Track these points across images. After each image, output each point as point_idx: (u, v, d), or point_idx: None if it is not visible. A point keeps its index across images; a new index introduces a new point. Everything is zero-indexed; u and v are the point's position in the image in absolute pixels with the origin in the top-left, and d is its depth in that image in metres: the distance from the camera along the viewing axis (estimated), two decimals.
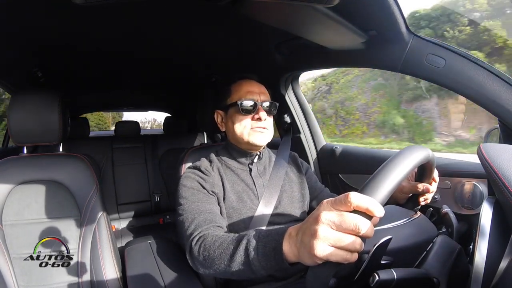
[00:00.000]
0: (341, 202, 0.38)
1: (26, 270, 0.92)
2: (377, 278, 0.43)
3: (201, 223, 0.70)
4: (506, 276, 0.41)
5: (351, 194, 0.38)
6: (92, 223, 1.00)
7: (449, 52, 0.75)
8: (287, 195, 0.87)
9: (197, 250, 0.64)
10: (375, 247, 0.42)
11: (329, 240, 0.38)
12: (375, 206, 0.37)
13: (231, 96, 0.86)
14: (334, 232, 0.38)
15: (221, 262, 0.57)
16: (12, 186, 0.96)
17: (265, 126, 0.83)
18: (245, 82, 0.86)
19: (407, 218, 0.57)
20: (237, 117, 0.83)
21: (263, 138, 0.83)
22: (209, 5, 0.79)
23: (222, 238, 0.60)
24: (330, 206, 0.39)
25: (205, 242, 0.63)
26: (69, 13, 0.80)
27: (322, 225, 0.38)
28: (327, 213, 0.39)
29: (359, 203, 0.37)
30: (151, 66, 1.46)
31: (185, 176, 0.82)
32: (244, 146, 0.85)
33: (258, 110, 0.82)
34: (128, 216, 2.10)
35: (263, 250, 0.50)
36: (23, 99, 0.98)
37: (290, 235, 0.46)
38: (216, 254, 0.58)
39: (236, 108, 0.82)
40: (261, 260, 0.50)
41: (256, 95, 0.84)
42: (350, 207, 0.38)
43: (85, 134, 2.22)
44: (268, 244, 0.50)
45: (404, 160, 0.43)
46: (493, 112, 0.72)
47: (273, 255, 0.48)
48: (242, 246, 0.54)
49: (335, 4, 0.61)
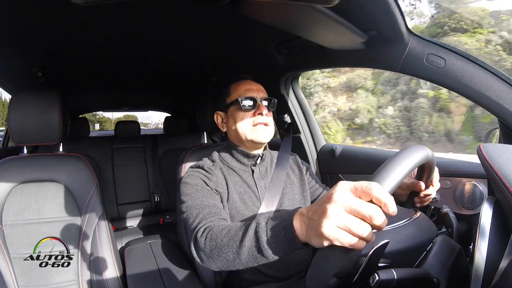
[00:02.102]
0: (362, 189, 0.38)
1: (26, 270, 0.92)
2: (377, 278, 0.43)
3: (206, 216, 0.68)
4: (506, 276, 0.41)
5: (373, 185, 0.37)
6: (92, 223, 1.00)
7: (449, 52, 0.75)
8: (288, 197, 0.87)
9: (203, 241, 0.61)
10: (373, 250, 0.42)
11: (340, 221, 0.37)
12: (392, 203, 0.37)
13: (231, 96, 0.86)
14: (346, 214, 0.37)
15: (229, 250, 0.55)
16: (12, 186, 0.96)
17: (267, 122, 0.83)
18: (243, 81, 0.88)
19: (407, 219, 0.57)
20: (239, 114, 0.83)
21: (266, 134, 0.83)
22: (209, 5, 0.79)
23: (229, 226, 0.59)
24: (348, 189, 0.39)
25: (212, 232, 0.61)
26: (69, 13, 0.80)
27: (335, 204, 0.38)
28: (343, 194, 0.38)
29: (380, 196, 0.37)
30: (150, 66, 1.46)
31: (188, 174, 0.82)
32: (247, 144, 0.85)
33: (259, 106, 0.83)
34: (128, 216, 2.10)
35: (273, 231, 0.48)
36: (23, 99, 0.98)
37: (301, 213, 0.45)
38: (224, 242, 0.56)
39: (237, 105, 0.83)
40: (271, 241, 0.48)
41: (255, 92, 0.85)
42: (369, 196, 0.37)
43: (85, 134, 2.22)
44: (278, 224, 0.48)
45: (410, 156, 0.44)
46: (493, 112, 0.73)
47: (283, 234, 0.47)
48: (251, 230, 0.52)
49: (335, 4, 0.61)
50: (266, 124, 0.83)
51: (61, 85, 1.16)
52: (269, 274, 0.81)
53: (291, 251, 0.47)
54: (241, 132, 0.83)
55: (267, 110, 0.83)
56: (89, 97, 2.20)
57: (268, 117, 0.84)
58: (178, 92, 2.11)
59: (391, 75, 8.45)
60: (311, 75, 9.81)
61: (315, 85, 9.96)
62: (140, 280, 0.92)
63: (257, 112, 0.82)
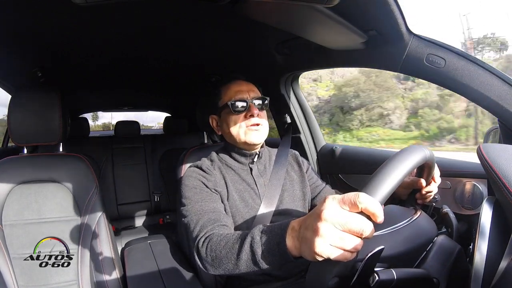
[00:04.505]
0: (350, 201, 0.38)
1: (26, 270, 0.92)
2: (377, 278, 0.43)
3: (206, 224, 0.69)
4: (506, 276, 0.41)
5: (361, 196, 0.37)
6: (92, 223, 1.00)
7: (449, 52, 0.75)
8: (288, 194, 0.87)
9: (205, 252, 0.63)
10: (368, 257, 0.42)
11: (331, 239, 0.38)
12: (380, 212, 0.37)
13: (222, 99, 0.87)
14: (337, 232, 0.37)
15: (228, 262, 0.57)
16: (12, 186, 0.96)
17: (259, 123, 0.83)
18: (233, 83, 0.87)
19: (407, 220, 0.57)
20: (230, 118, 0.83)
21: (259, 136, 0.84)
22: (209, 5, 0.79)
23: (227, 238, 0.60)
24: (337, 203, 0.39)
25: (211, 243, 0.63)
26: (69, 13, 0.80)
27: (326, 223, 0.38)
28: (332, 210, 0.38)
29: (368, 206, 0.37)
30: (150, 66, 1.46)
31: (187, 175, 0.82)
32: (241, 146, 0.86)
33: (250, 107, 0.82)
34: (128, 216, 2.10)
35: (267, 246, 0.50)
36: (23, 99, 0.98)
37: (293, 228, 0.46)
38: (223, 254, 0.58)
39: (227, 109, 0.83)
40: (266, 256, 0.50)
41: (245, 93, 0.85)
42: (358, 208, 0.37)
43: (85, 134, 2.22)
44: (271, 239, 0.49)
45: (405, 160, 0.43)
46: (493, 112, 0.72)
47: (277, 250, 0.48)
48: (246, 244, 0.54)
49: (335, 4, 0.61)
50: (258, 124, 0.83)
51: (61, 85, 1.16)
52: (270, 274, 0.81)
53: (286, 264, 0.48)
54: (234, 135, 0.83)
55: (258, 110, 0.83)
56: (89, 97, 2.20)
57: (261, 118, 0.84)
58: (178, 92, 2.11)
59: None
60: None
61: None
62: (140, 280, 0.92)
63: (249, 114, 0.82)
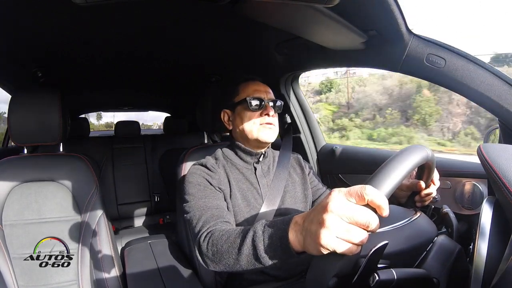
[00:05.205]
0: (357, 193, 0.37)
1: (26, 270, 0.92)
2: (377, 278, 0.43)
3: (208, 219, 0.69)
4: (506, 276, 0.41)
5: (368, 188, 0.37)
6: (92, 223, 1.01)
7: (449, 52, 0.75)
8: (290, 196, 0.88)
9: (206, 246, 0.63)
10: (372, 252, 0.42)
11: (338, 231, 0.37)
12: (386, 205, 0.37)
13: (239, 95, 0.88)
14: (344, 224, 0.37)
15: (229, 257, 0.56)
16: (12, 186, 0.96)
17: (273, 122, 0.86)
18: (252, 82, 0.90)
19: (407, 219, 0.57)
20: (246, 113, 0.85)
21: (272, 134, 0.85)
22: (209, 5, 0.79)
23: (229, 232, 0.60)
24: (343, 196, 0.38)
25: (213, 238, 0.62)
26: (69, 13, 0.80)
27: (332, 214, 0.38)
28: (338, 202, 0.38)
29: (374, 198, 0.37)
30: (150, 66, 1.46)
31: (191, 172, 0.82)
32: (252, 143, 0.86)
33: (266, 107, 0.85)
34: (128, 216, 2.10)
35: (270, 241, 0.49)
36: (23, 99, 0.98)
37: (296, 223, 0.46)
38: (224, 249, 0.58)
39: (244, 105, 0.85)
40: (268, 251, 0.50)
41: (263, 93, 0.87)
42: (364, 200, 0.37)
43: (85, 134, 2.22)
44: (274, 234, 0.49)
45: (408, 157, 0.44)
46: (493, 112, 0.72)
47: (279, 245, 0.47)
48: (248, 239, 0.53)
49: (335, 4, 0.61)
50: (271, 124, 0.85)
51: (61, 85, 1.16)
52: (270, 273, 0.81)
53: (288, 259, 0.48)
54: (247, 130, 0.84)
55: (273, 111, 0.85)
56: (89, 97, 2.20)
57: (274, 117, 0.86)
58: (178, 92, 2.11)
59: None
60: None
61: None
62: (140, 280, 0.92)
63: (264, 113, 0.84)
